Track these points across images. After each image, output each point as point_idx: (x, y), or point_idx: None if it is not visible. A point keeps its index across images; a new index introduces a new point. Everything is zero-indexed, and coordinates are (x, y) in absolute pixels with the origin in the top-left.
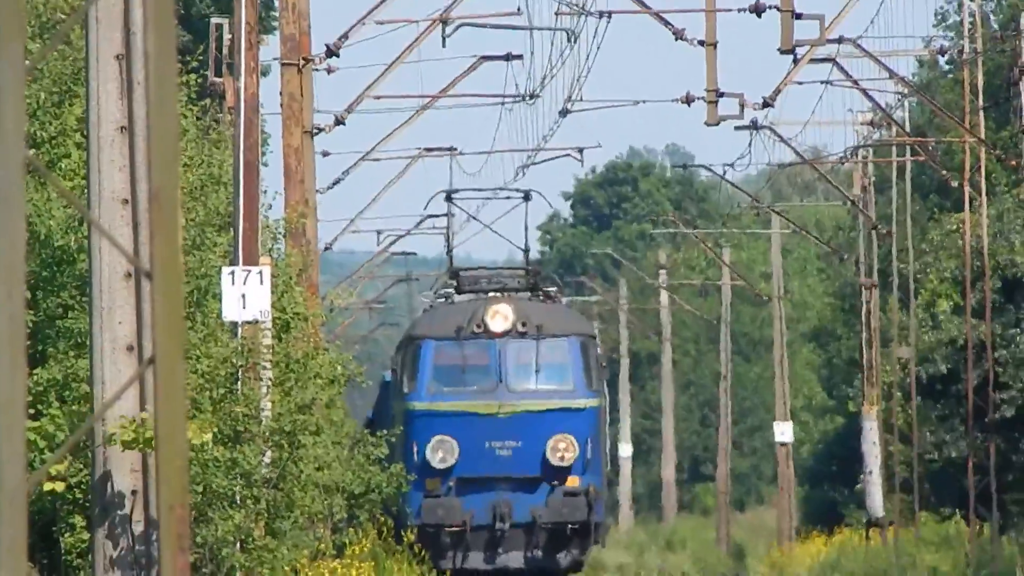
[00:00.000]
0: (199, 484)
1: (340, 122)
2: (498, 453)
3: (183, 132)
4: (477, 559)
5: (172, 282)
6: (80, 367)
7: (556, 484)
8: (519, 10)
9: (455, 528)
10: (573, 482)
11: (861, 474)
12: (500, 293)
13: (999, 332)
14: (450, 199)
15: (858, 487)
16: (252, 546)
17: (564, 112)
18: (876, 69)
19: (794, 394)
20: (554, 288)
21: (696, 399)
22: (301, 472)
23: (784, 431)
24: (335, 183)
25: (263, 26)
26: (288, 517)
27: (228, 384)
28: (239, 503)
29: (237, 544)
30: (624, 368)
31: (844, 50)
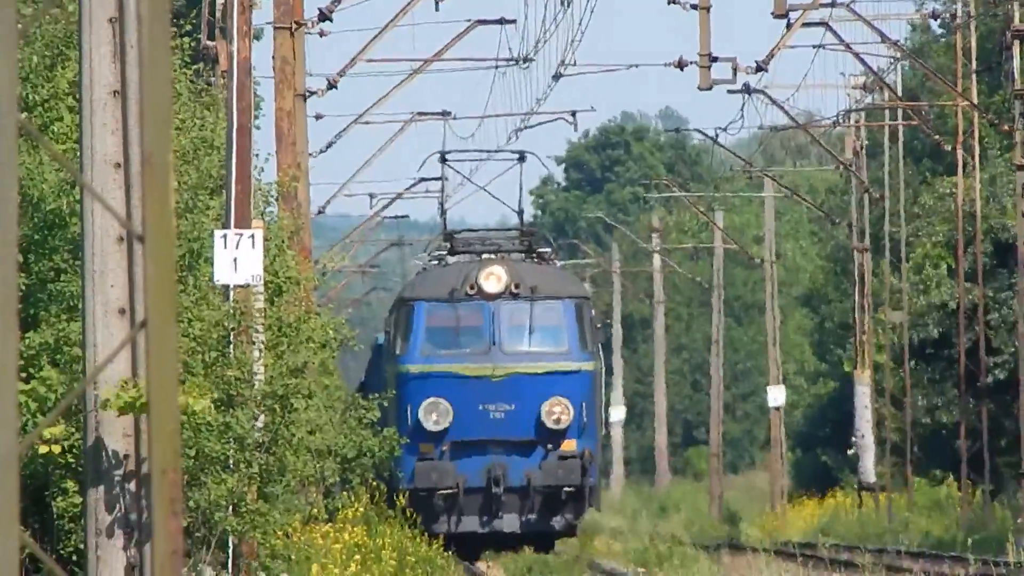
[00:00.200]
0: (192, 448)
1: (333, 86)
2: (492, 416)
3: (176, 96)
4: (471, 523)
5: (164, 245)
6: (72, 331)
7: (551, 448)
8: None
9: (448, 492)
10: (568, 445)
11: (853, 438)
12: (494, 254)
13: (991, 296)
14: (444, 160)
15: (850, 451)
16: (244, 510)
17: (557, 76)
18: (869, 33)
19: (786, 358)
20: (548, 250)
21: (688, 363)
22: (293, 436)
23: (776, 395)
24: (328, 147)
25: None
26: (280, 481)
27: (220, 348)
28: (232, 467)
29: (229, 508)
30: (616, 332)
31: (837, 14)
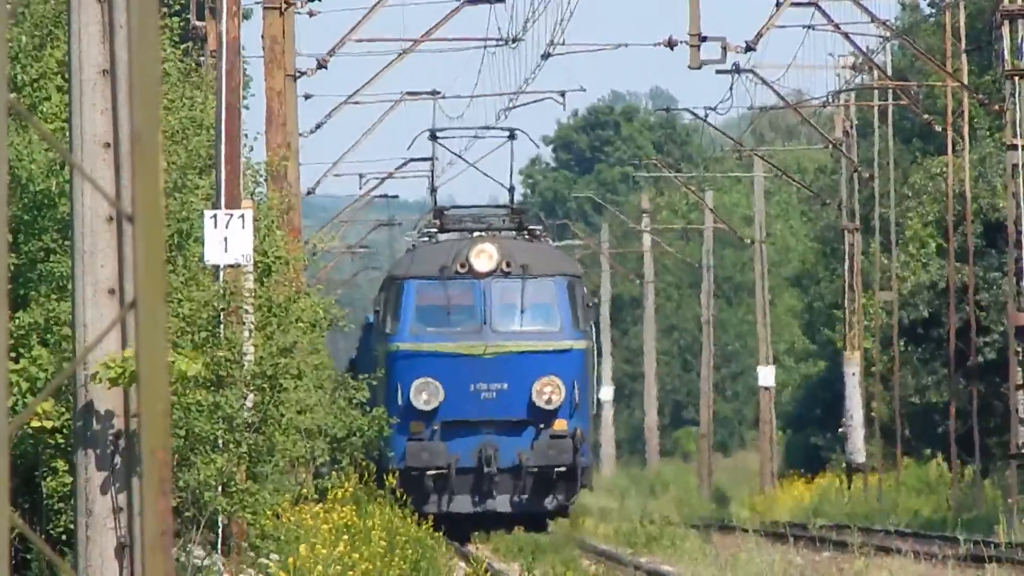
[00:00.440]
0: (181, 428)
1: (322, 66)
2: (483, 396)
3: (165, 75)
4: (462, 503)
5: (154, 225)
6: (62, 310)
7: (542, 427)
8: None
9: (439, 471)
10: (560, 425)
11: (843, 418)
12: (484, 232)
13: (981, 276)
14: (435, 138)
15: (840, 431)
16: (234, 490)
17: (546, 56)
18: (858, 13)
19: (776, 338)
20: (539, 227)
21: (678, 343)
22: (283, 416)
23: (766, 375)
24: (317, 127)
25: None
26: (270, 461)
27: (210, 328)
28: (221, 447)
29: (219, 488)
30: (606, 312)
31: None
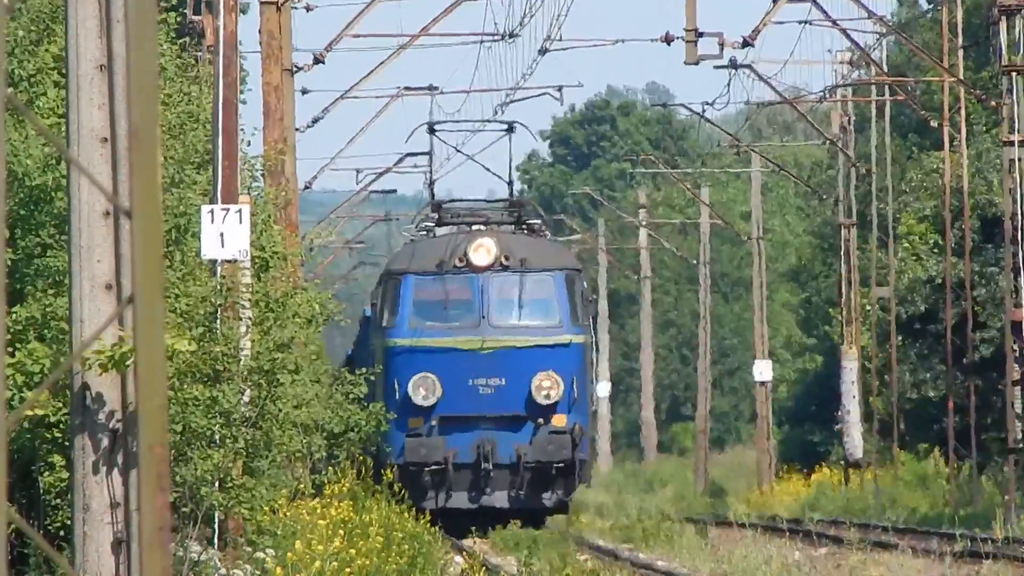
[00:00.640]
0: (178, 423)
1: (319, 61)
2: (481, 391)
3: (161, 70)
4: (460, 499)
5: (151, 220)
6: (59, 305)
7: (541, 423)
8: None
9: (437, 467)
10: (559, 420)
11: (839, 413)
12: (483, 226)
13: (977, 271)
14: (433, 131)
15: (836, 427)
16: (231, 485)
17: (543, 51)
18: (855, 8)
19: (773, 333)
20: (538, 221)
21: (675, 339)
22: (280, 411)
23: (763, 370)
24: (314, 122)
25: None
26: (267, 456)
27: (207, 323)
28: (218, 442)
29: (216, 483)
30: (603, 308)
31: None
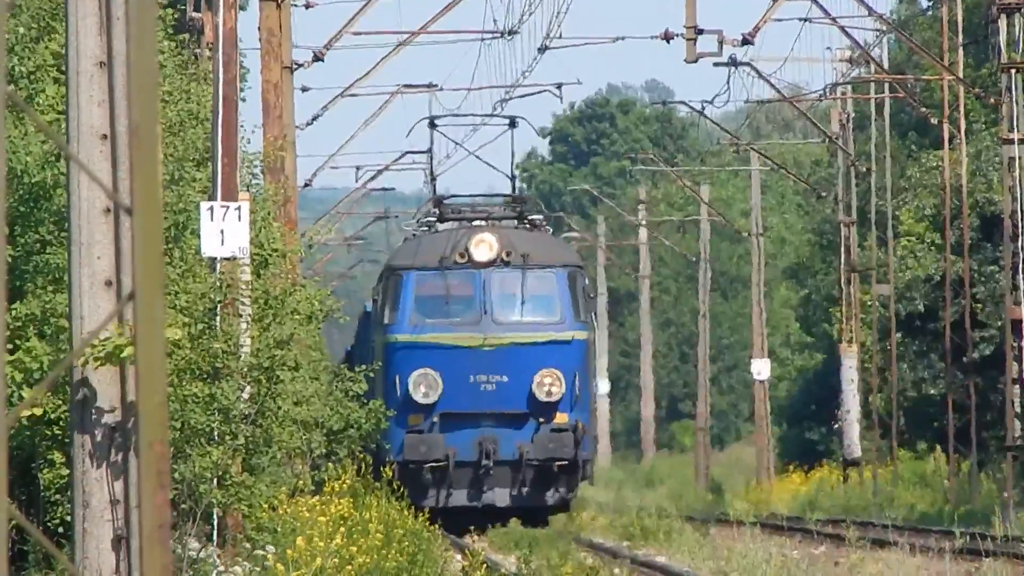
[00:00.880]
0: (177, 420)
1: (319, 58)
2: (483, 388)
3: (160, 67)
4: (460, 497)
5: (152, 217)
6: (58, 302)
7: (543, 420)
8: None
9: (438, 464)
10: (561, 418)
11: (838, 410)
12: (484, 221)
13: (976, 269)
14: (434, 126)
15: (835, 425)
16: (230, 482)
17: (543, 48)
18: (855, 6)
19: (772, 331)
20: (540, 217)
21: (675, 337)
22: (279, 408)
23: (762, 369)
24: (314, 119)
25: None
26: (266, 453)
27: (206, 320)
28: (217, 439)
29: (215, 481)
30: (602, 305)
31: None
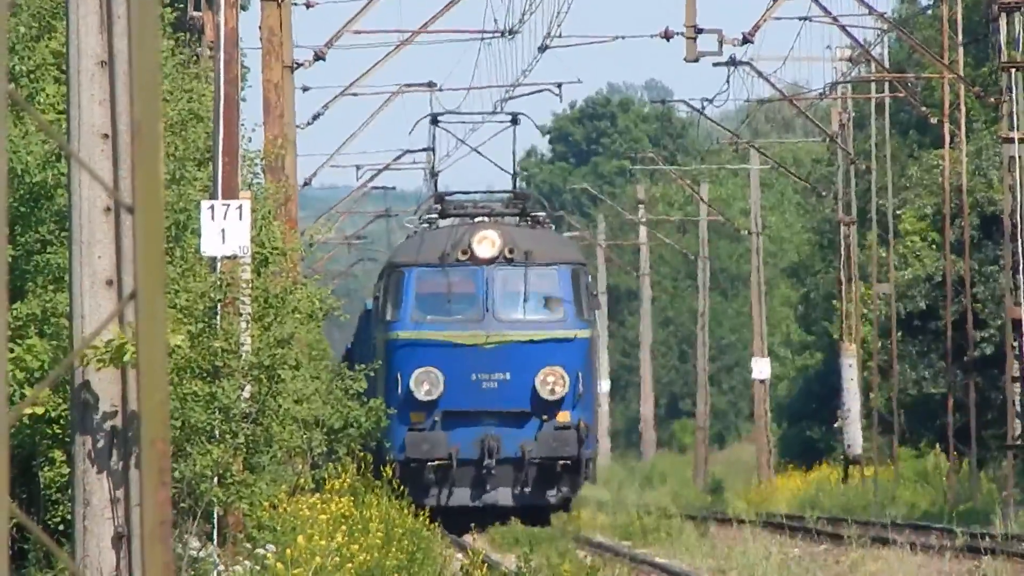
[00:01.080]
0: (178, 419)
1: (320, 57)
2: (485, 386)
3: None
4: (462, 496)
5: (153, 216)
6: (59, 301)
7: (546, 419)
8: None
9: (440, 463)
10: (564, 417)
11: (839, 409)
12: (487, 218)
13: (977, 269)
14: (436, 123)
15: (836, 424)
16: (230, 481)
17: (543, 48)
18: (855, 5)
19: (772, 330)
20: (542, 213)
21: (674, 335)
22: (280, 406)
23: (761, 368)
24: (315, 118)
25: None
26: (267, 452)
27: (207, 319)
28: (217, 438)
29: (215, 479)
30: (602, 304)
31: None
